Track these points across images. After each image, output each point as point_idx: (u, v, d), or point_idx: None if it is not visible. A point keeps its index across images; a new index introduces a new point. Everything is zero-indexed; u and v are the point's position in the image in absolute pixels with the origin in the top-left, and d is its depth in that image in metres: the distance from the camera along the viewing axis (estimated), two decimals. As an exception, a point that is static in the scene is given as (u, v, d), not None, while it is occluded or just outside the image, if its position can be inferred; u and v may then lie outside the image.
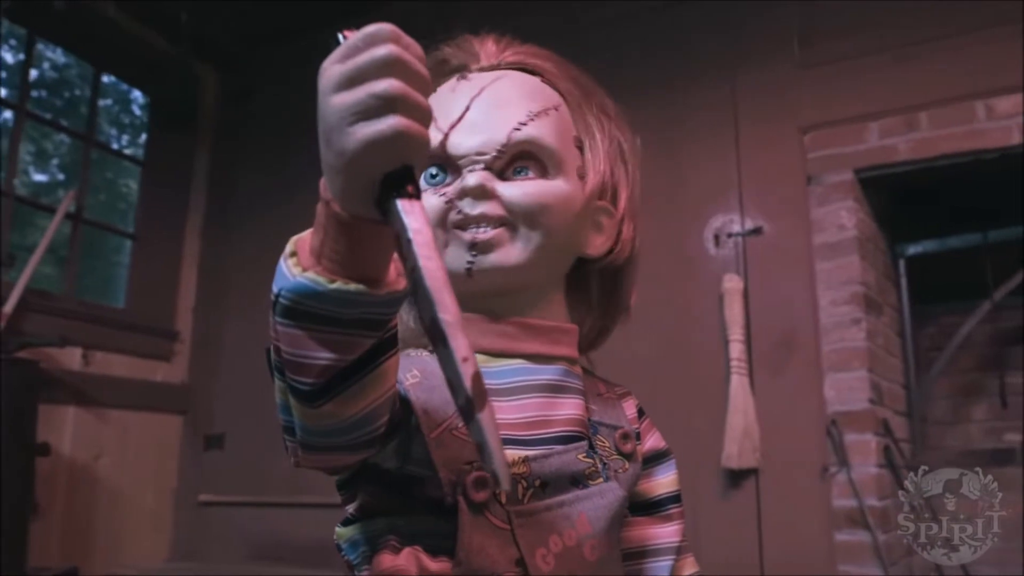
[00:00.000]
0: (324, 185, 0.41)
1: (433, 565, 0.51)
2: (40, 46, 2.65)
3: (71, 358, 2.34)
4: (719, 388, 1.94)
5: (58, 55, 2.81)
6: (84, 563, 2.26)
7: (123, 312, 2.62)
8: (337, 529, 0.58)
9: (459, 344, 0.35)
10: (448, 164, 0.59)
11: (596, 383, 0.66)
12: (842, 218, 1.95)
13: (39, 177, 2.95)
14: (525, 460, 0.55)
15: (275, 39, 2.79)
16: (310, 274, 0.40)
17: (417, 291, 0.36)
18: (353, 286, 0.40)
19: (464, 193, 0.57)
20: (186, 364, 2.74)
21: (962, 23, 1.89)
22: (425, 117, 0.39)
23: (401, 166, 0.38)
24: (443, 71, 0.64)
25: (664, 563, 0.63)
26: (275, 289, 0.42)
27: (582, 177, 0.61)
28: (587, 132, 0.63)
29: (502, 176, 0.58)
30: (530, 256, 0.57)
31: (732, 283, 1.97)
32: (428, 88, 0.39)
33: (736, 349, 1.93)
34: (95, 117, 2.69)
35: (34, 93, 2.65)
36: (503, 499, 0.53)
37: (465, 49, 0.64)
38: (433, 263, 0.36)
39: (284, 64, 2.72)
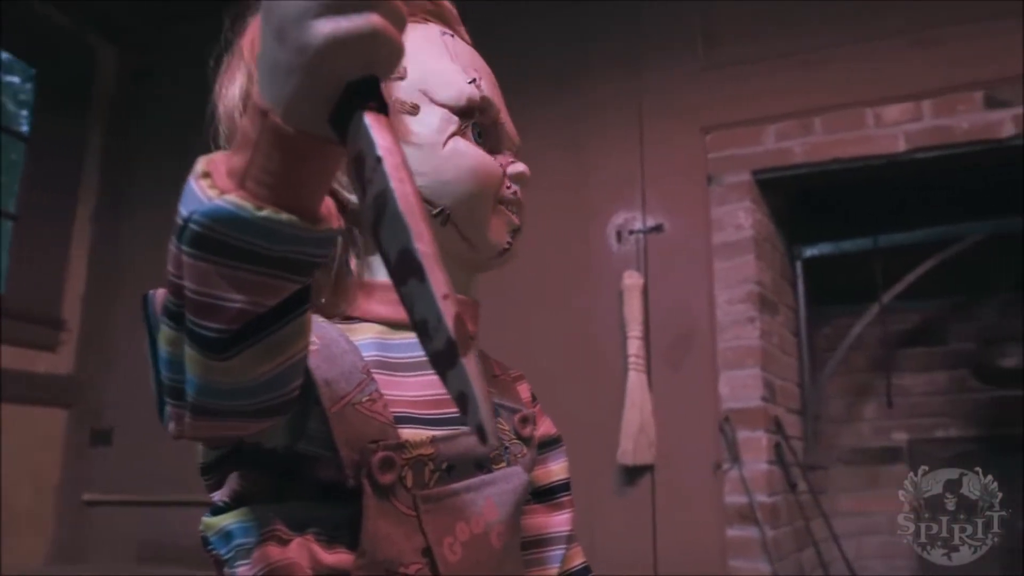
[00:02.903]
0: (259, 92, 0.35)
1: (328, 557, 0.46)
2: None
3: (-60, 346, 2.18)
4: (617, 384, 1.94)
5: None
6: (-52, 566, 2.10)
7: (2, 298, 2.46)
8: (205, 519, 0.50)
9: (438, 279, 0.30)
10: (488, 132, 0.58)
11: (491, 363, 0.63)
12: (740, 218, 1.98)
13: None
14: (432, 440, 0.51)
15: (179, 18, 2.68)
16: (232, 197, 0.34)
17: (383, 219, 0.31)
18: (286, 216, 0.34)
19: (517, 179, 0.58)
20: (73, 355, 2.60)
21: (855, 31, 1.94)
22: (401, 24, 0.33)
23: (369, 75, 0.33)
24: (417, 10, 0.59)
25: (556, 552, 0.61)
26: (184, 212, 0.35)
27: None
28: None
29: None
30: None
31: (632, 280, 1.98)
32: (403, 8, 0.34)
33: (634, 345, 1.94)
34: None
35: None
36: (409, 481, 0.48)
37: (438, 4, 0.60)
38: (407, 187, 0.31)
39: (187, 45, 2.60)
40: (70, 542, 2.49)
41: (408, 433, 0.50)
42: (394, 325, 0.54)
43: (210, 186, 0.35)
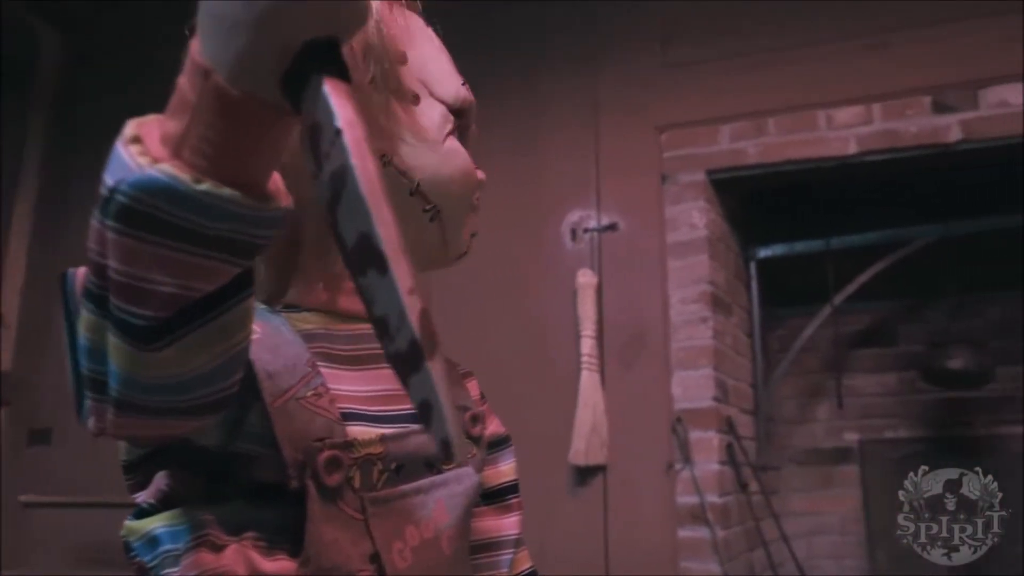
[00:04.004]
0: (199, 48, 0.31)
1: (268, 565, 0.43)
2: None
3: None
4: (570, 384, 1.93)
5: None
6: None
7: (-67, 291, 2.37)
8: (127, 523, 0.46)
9: (402, 270, 0.27)
10: (463, 136, 0.56)
11: None
12: (694, 217, 1.98)
13: None
14: (381, 439, 0.47)
15: (124, 3, 2.61)
16: (167, 167, 0.30)
17: (340, 199, 0.28)
18: (228, 191, 0.31)
19: (479, 185, 0.57)
20: (11, 350, 2.51)
21: (809, 34, 1.96)
22: None
23: (328, 36, 0.29)
24: None
25: (505, 557, 0.58)
26: (109, 182, 0.31)
27: None
28: None
29: None
30: None
31: (586, 278, 1.96)
32: None
33: (587, 345, 1.92)
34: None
35: None
36: (358, 483, 0.45)
37: None
38: (369, 165, 0.28)
39: (132, 27, 2.54)
40: (7, 545, 2.40)
41: (356, 431, 0.47)
42: (338, 315, 0.51)
43: (140, 153, 0.31)
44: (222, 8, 0.29)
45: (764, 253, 2.24)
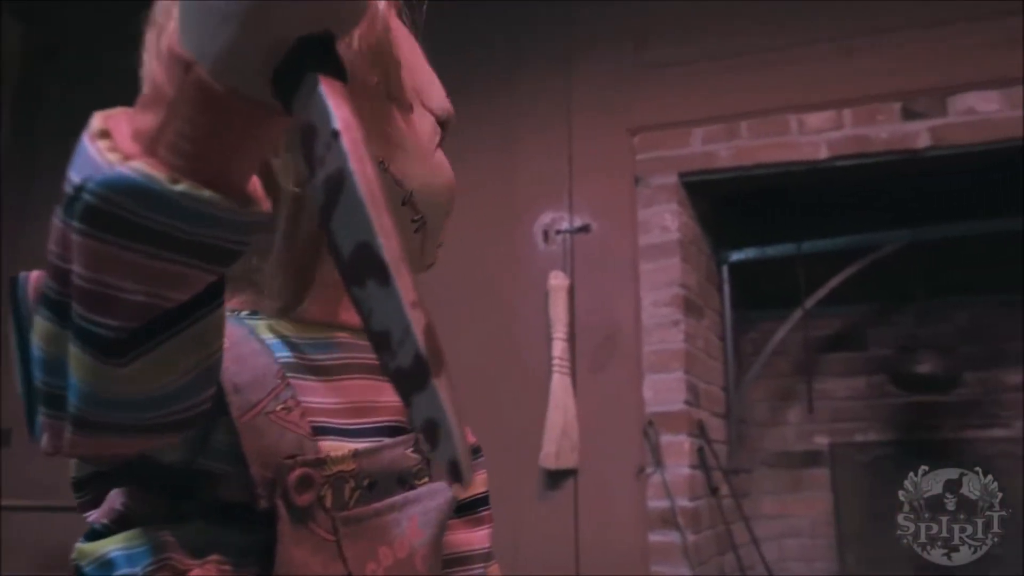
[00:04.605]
0: (179, 38, 0.28)
1: None
2: None
3: None
4: (541, 386, 1.92)
5: None
6: None
7: None
8: (78, 546, 0.43)
9: (405, 282, 0.25)
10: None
11: None
12: (666, 220, 1.98)
13: None
14: (354, 455, 0.45)
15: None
16: (140, 165, 0.28)
17: (337, 206, 0.26)
18: (207, 193, 0.29)
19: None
20: (-31, 351, 2.44)
21: (781, 37, 1.96)
22: None
23: (325, 30, 0.27)
24: None
25: (477, 571, 0.56)
26: (75, 179, 0.28)
27: None
28: None
29: None
30: None
31: (558, 280, 1.95)
32: None
33: (559, 347, 1.91)
34: None
35: None
36: (328, 501, 0.42)
37: None
38: (369, 170, 0.26)
39: (97, 21, 2.48)
40: (-37, 550, 2.33)
41: (327, 446, 0.44)
42: (310, 322, 0.48)
43: (110, 148, 0.29)
44: None
45: (736, 256, 2.24)
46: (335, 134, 0.26)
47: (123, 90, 0.31)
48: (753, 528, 2.07)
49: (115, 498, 0.43)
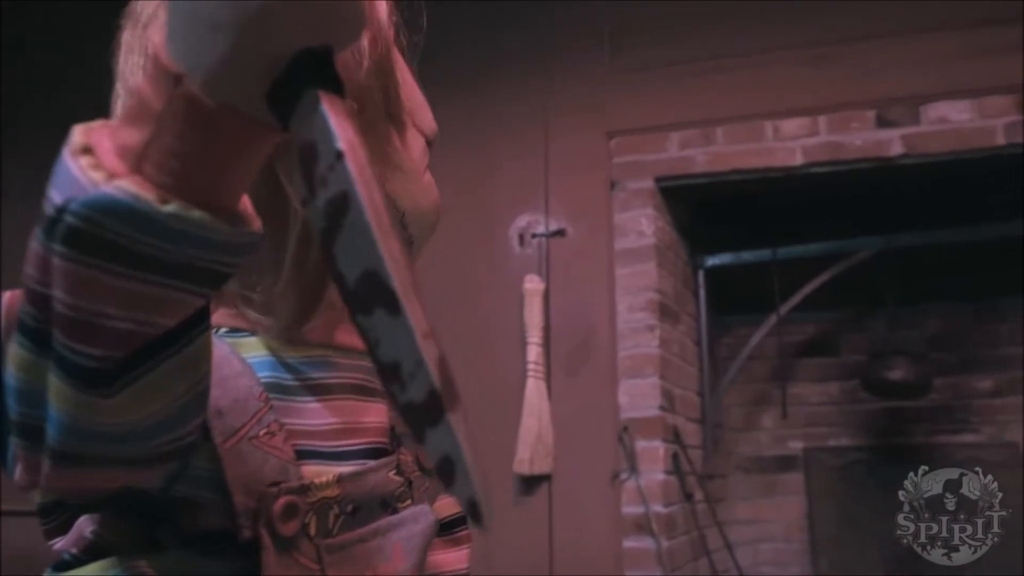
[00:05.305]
0: (169, 49, 0.27)
1: None
2: None
3: None
4: (515, 391, 1.90)
5: None
6: None
7: None
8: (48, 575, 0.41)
9: (416, 312, 0.24)
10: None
11: None
12: (642, 225, 1.97)
13: None
14: (339, 480, 0.43)
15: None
16: (127, 185, 0.26)
17: (341, 230, 0.25)
18: (198, 214, 0.27)
19: None
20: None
21: (758, 43, 1.97)
22: None
23: (323, 45, 0.26)
24: None
25: None
26: (57, 199, 0.27)
27: None
28: None
29: None
30: None
31: (533, 284, 1.94)
32: None
33: (533, 352, 1.90)
34: None
35: None
36: (311, 528, 0.41)
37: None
38: (375, 193, 0.25)
39: (65, 13, 2.43)
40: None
41: (311, 471, 0.43)
42: (302, 341, 0.46)
43: (93, 166, 0.27)
44: (199, 7, 0.26)
45: (712, 262, 2.25)
46: (339, 155, 0.25)
47: (95, 84, 0.29)
48: (727, 533, 2.07)
49: (84, 525, 0.41)
